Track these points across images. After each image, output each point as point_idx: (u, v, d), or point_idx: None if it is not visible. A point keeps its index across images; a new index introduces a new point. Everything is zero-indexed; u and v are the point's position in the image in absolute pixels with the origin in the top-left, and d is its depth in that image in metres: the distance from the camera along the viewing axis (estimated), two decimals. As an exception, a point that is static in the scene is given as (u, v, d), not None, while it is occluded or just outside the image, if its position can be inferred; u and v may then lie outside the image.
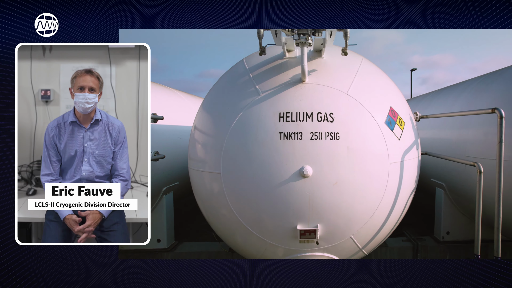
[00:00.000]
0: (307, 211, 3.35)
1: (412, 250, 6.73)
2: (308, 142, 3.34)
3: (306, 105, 3.41)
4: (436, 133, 7.12)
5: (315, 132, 3.36)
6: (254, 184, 3.43)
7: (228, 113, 3.63)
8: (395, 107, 3.84)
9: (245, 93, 3.63)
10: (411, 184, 4.09)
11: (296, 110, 3.41)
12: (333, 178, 3.32)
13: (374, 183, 3.49)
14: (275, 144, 3.35)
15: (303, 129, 3.36)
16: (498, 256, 3.83)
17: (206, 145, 3.95)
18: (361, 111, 3.51)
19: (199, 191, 4.17)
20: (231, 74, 4.22)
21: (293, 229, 3.43)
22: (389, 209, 3.75)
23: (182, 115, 7.39)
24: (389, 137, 3.60)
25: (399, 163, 3.69)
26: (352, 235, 3.62)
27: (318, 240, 3.47)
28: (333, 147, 3.35)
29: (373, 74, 4.10)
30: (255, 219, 3.57)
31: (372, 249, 4.19)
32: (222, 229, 4.19)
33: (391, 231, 4.17)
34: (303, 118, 3.38)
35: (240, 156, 3.49)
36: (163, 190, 6.33)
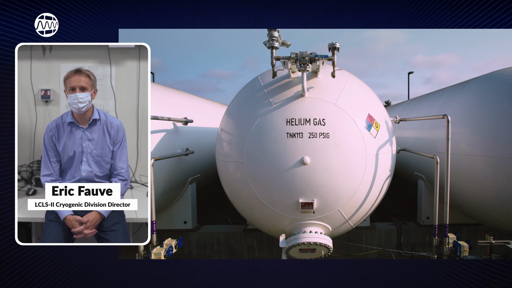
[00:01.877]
0: (306, 189, 4.68)
1: (397, 232, 7.97)
2: (307, 139, 4.66)
3: (305, 113, 4.74)
4: (417, 133, 8.44)
5: (312, 132, 4.67)
6: (268, 170, 4.76)
7: (249, 119, 4.96)
8: (372, 113, 5.15)
9: (261, 104, 4.96)
10: (386, 172, 5.38)
11: (298, 117, 4.73)
12: (325, 165, 4.65)
13: (355, 169, 4.81)
14: (283, 141, 4.68)
15: (303, 130, 4.68)
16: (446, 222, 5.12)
17: (231, 142, 5.28)
18: (345, 117, 4.83)
19: (225, 177, 5.50)
20: (249, 88, 5.55)
21: (296, 202, 4.75)
22: (367, 190, 5.06)
23: (203, 118, 8.74)
24: (367, 136, 4.92)
25: (374, 155, 5.00)
26: (339, 208, 4.93)
27: (314, 211, 4.78)
28: (324, 143, 4.67)
29: (356, 88, 5.41)
30: (269, 196, 4.90)
31: (356, 222, 5.48)
32: (243, 206, 5.52)
33: (371, 208, 5.46)
34: (303, 122, 4.70)
35: (258, 150, 4.82)
36: (189, 180, 7.64)
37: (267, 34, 4.50)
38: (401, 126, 8.98)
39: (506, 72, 6.08)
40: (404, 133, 9.28)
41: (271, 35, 4.46)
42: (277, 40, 4.53)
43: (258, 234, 7.52)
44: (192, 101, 9.08)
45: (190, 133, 7.47)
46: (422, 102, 9.77)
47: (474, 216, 6.61)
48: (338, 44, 4.53)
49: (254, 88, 5.37)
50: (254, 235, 7.63)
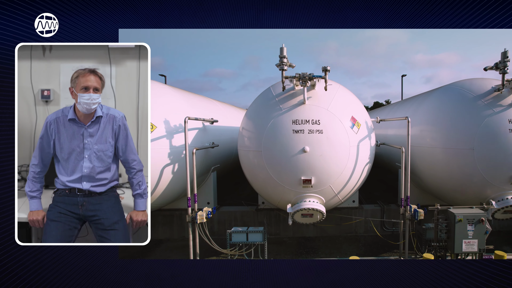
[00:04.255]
0: (306, 170, 6.55)
1: (380, 212, 9.80)
2: (307, 134, 6.52)
3: (306, 116, 6.60)
4: (396, 131, 10.31)
5: (310, 129, 6.53)
6: (279, 156, 6.63)
7: (264, 120, 6.83)
8: (355, 116, 7.00)
9: (274, 109, 6.83)
10: (365, 159, 7.23)
11: (301, 118, 6.59)
12: (319, 153, 6.51)
13: (340, 156, 6.67)
14: (290, 136, 6.55)
15: (304, 128, 6.54)
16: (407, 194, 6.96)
17: (251, 137, 7.14)
18: (334, 118, 6.69)
19: (246, 163, 7.36)
20: (264, 97, 7.42)
21: (299, 180, 6.61)
22: (351, 171, 6.92)
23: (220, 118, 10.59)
24: (350, 133, 6.78)
25: (355, 146, 6.86)
26: (330, 184, 6.79)
27: (312, 185, 6.64)
28: (319, 137, 6.53)
29: (343, 97, 7.26)
30: (280, 176, 6.75)
31: (344, 196, 7.33)
32: (260, 184, 7.39)
33: (354, 186, 7.32)
34: (304, 122, 6.56)
35: (271, 142, 6.68)
36: (212, 169, 9.47)
37: (279, 60, 6.36)
38: (387, 124, 10.86)
39: (459, 84, 7.93)
40: (388, 131, 11.15)
41: (281, 61, 6.32)
42: (285, 64, 6.38)
43: (267, 212, 9.34)
44: (210, 104, 10.98)
45: (214, 130, 9.34)
46: (404, 105, 11.64)
47: (436, 195, 8.45)
48: (329, 67, 6.40)
49: (268, 97, 7.24)
50: (264, 213, 9.44)
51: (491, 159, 6.87)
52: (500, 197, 7.05)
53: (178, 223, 9.54)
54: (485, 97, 7.16)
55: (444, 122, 7.57)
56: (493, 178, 6.96)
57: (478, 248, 6.28)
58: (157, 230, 9.48)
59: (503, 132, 6.76)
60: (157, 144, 6.93)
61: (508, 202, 6.88)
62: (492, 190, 7.10)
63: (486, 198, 7.19)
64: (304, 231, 9.48)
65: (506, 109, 6.86)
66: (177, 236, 9.49)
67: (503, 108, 6.89)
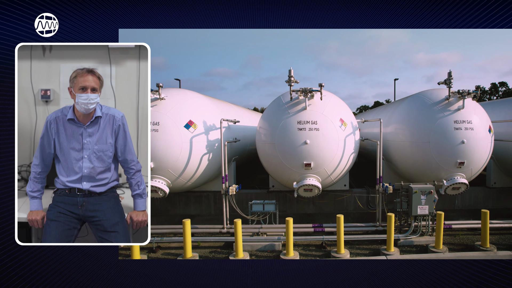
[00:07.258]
0: (307, 156, 9.14)
1: (366, 193, 12.33)
2: (308, 131, 9.11)
3: (307, 118, 9.19)
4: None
5: (310, 128, 9.12)
6: (288, 147, 9.22)
7: (277, 121, 9.42)
8: (343, 118, 9.58)
9: (284, 113, 9.43)
10: (351, 150, 9.80)
11: (303, 120, 9.17)
12: (317, 144, 9.10)
13: (332, 147, 9.26)
14: (296, 132, 9.14)
15: (306, 127, 9.13)
16: (380, 175, 9.53)
17: (267, 134, 9.74)
18: (328, 120, 9.27)
19: (263, 153, 9.97)
20: (276, 104, 10.01)
21: (302, 164, 9.19)
22: (339, 158, 9.50)
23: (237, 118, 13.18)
24: (339, 130, 9.36)
25: (343, 140, 9.45)
26: (324, 167, 9.38)
27: (312, 168, 9.22)
28: (317, 133, 9.12)
29: (334, 103, 9.83)
30: (288, 161, 9.33)
31: (335, 177, 9.89)
32: (273, 168, 9.99)
33: (342, 170, 9.88)
34: (306, 123, 9.15)
35: (282, 137, 9.27)
36: (233, 159, 12.01)
37: (288, 78, 8.93)
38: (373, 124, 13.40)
39: (423, 93, 10.50)
40: (373, 129, 13.70)
41: (290, 79, 8.90)
42: (293, 81, 8.96)
43: (277, 194, 11.85)
44: (229, 107, 13.62)
45: (234, 128, 11.93)
46: (387, 108, 14.21)
47: (406, 177, 11.01)
48: (324, 83, 9.00)
49: (279, 104, 9.84)
50: (274, 194, 11.90)
51: (442, 149, 9.45)
52: (450, 177, 9.63)
53: (205, 202, 12.10)
54: (439, 104, 9.74)
55: (411, 122, 10.15)
56: (444, 163, 9.54)
57: (429, 211, 8.85)
58: (190, 207, 12.06)
59: (450, 129, 9.35)
60: (199, 138, 9.52)
61: (454, 181, 9.46)
62: (445, 172, 9.67)
63: (441, 179, 9.75)
64: (306, 209, 12.03)
65: (452, 113, 9.45)
66: (205, 212, 12.03)
67: (450, 112, 9.47)
